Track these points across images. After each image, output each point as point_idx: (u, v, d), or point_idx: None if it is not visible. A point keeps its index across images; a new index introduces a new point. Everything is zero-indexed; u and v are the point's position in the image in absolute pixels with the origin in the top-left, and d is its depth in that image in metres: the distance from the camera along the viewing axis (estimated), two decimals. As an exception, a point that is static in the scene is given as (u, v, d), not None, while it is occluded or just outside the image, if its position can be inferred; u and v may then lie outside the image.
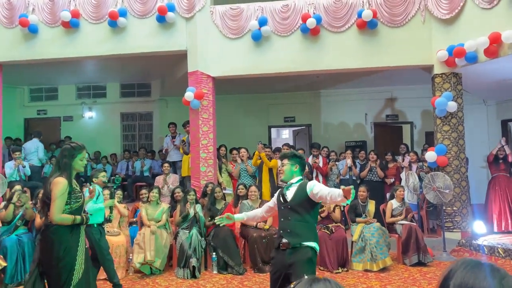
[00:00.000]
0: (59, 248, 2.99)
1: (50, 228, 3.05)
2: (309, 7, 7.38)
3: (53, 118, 11.59)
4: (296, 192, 3.21)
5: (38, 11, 7.71)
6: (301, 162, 3.37)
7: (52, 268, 3.02)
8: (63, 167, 3.11)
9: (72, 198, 3.06)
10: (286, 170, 3.32)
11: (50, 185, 3.05)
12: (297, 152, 3.45)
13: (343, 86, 10.39)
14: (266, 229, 5.84)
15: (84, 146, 3.25)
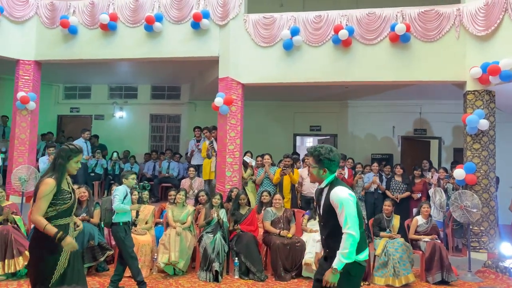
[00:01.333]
0: (45, 244, 3.05)
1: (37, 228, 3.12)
2: (342, 19, 7.41)
3: (85, 116, 11.96)
4: (325, 201, 2.93)
5: (79, 13, 8.01)
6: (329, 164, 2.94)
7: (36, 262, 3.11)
8: (57, 168, 3.13)
9: (59, 199, 3.06)
10: (313, 173, 3.01)
11: (38, 184, 3.10)
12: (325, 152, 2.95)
13: (371, 98, 10.35)
14: (289, 237, 5.87)
15: (82, 150, 3.28)
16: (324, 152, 2.95)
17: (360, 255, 2.83)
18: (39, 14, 8.12)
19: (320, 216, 3.01)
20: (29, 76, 8.10)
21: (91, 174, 9.49)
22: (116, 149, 10.50)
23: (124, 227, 4.76)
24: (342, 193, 2.82)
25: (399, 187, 7.73)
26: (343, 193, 2.82)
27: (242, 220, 6.07)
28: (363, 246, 2.86)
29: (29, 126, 8.08)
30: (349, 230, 2.73)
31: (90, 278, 5.37)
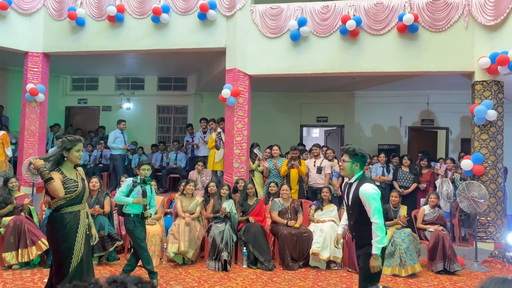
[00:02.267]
0: (58, 233, 3.24)
1: (52, 215, 3.32)
2: (350, 9, 7.38)
3: (92, 107, 12.05)
4: (354, 194, 3.37)
5: (86, 5, 8.03)
6: (362, 159, 3.42)
7: (54, 251, 3.32)
8: (55, 158, 3.31)
9: (65, 188, 3.22)
10: (347, 167, 3.42)
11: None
12: (358, 149, 3.43)
13: (379, 88, 10.31)
14: (297, 227, 5.92)
15: (81, 139, 3.43)
16: (359, 148, 3.46)
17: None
18: (47, 6, 8.15)
19: (348, 206, 3.49)
20: (38, 68, 8.16)
21: (99, 165, 9.61)
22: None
23: (133, 218, 4.82)
24: (369, 190, 3.29)
25: (406, 177, 7.75)
26: (370, 190, 3.29)
27: (250, 211, 6.14)
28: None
29: (38, 118, 8.17)
30: (377, 220, 3.23)
31: (101, 267, 5.48)
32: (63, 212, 3.26)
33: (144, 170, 4.95)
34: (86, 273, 3.34)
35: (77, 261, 3.24)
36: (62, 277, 3.23)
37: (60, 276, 3.25)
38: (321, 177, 7.34)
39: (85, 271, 3.33)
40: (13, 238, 5.32)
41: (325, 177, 7.33)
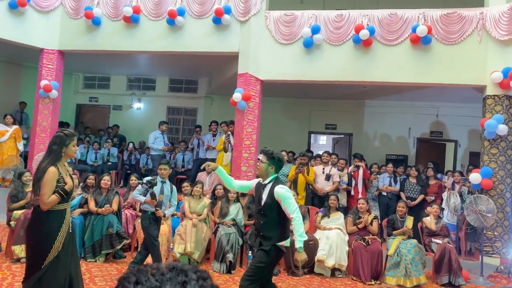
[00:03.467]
0: (41, 230, 3.20)
1: (37, 210, 3.27)
2: (363, 18, 7.42)
3: (103, 106, 12.17)
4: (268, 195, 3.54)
5: (103, 4, 8.14)
6: (277, 163, 3.62)
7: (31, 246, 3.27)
8: (52, 154, 3.25)
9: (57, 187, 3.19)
10: (262, 168, 3.63)
11: (40, 173, 3.22)
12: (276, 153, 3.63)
13: (389, 98, 10.34)
14: (303, 234, 5.93)
15: (75, 134, 3.41)
16: (277, 152, 3.65)
17: (281, 242, 3.52)
18: (64, 4, 8.27)
19: (260, 206, 3.62)
20: (53, 65, 8.27)
21: (108, 163, 9.69)
22: (133, 140, 10.69)
23: (149, 216, 4.87)
24: (284, 190, 3.50)
25: (413, 188, 7.75)
26: (284, 191, 3.50)
27: (256, 215, 6.15)
28: (286, 235, 3.57)
29: (50, 114, 8.27)
30: (296, 215, 3.44)
31: (108, 264, 5.53)
32: (50, 210, 3.21)
33: (161, 170, 5.00)
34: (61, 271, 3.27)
35: (53, 257, 3.20)
36: (33, 272, 3.19)
37: (32, 271, 3.20)
38: (328, 184, 7.36)
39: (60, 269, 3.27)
40: (23, 231, 5.38)
41: (333, 185, 7.34)
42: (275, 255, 3.54)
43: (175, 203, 5.21)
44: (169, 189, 5.07)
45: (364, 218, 6.05)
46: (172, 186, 5.18)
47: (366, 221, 6.05)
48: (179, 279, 0.73)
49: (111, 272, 5.24)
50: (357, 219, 6.14)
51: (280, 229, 3.54)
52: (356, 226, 6.08)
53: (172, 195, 5.13)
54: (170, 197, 5.10)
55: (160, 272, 0.72)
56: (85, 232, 5.67)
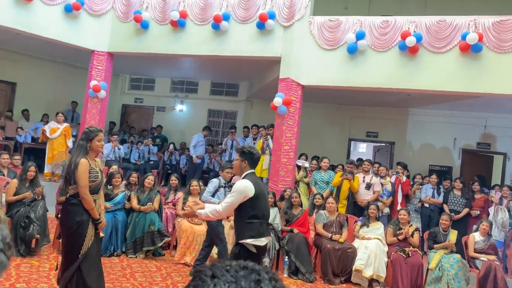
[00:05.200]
0: (73, 220, 3.35)
1: (68, 202, 3.43)
2: (410, 25, 7.25)
3: (147, 107, 12.55)
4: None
5: (151, 9, 8.41)
6: (250, 157, 3.47)
7: (66, 236, 3.43)
8: (80, 148, 3.46)
9: (89, 177, 3.38)
10: (236, 164, 3.56)
11: (72, 165, 3.40)
12: (248, 147, 3.55)
13: (434, 107, 10.02)
14: (341, 242, 5.86)
15: (101, 129, 3.57)
16: (248, 147, 3.57)
17: (248, 239, 3.30)
18: (115, 8, 8.61)
19: None
20: (102, 66, 8.62)
21: (150, 162, 9.97)
22: (174, 141, 10.95)
23: None
24: (240, 184, 3.33)
25: (458, 201, 7.46)
26: (241, 184, 3.32)
27: (294, 221, 6.14)
28: (254, 235, 3.32)
29: (98, 113, 8.61)
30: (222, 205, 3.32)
31: (148, 261, 5.68)
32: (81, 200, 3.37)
33: (228, 173, 5.17)
34: (95, 259, 3.44)
35: (88, 245, 3.35)
36: (71, 262, 3.33)
37: (70, 261, 3.34)
38: (368, 194, 7.23)
39: (95, 258, 3.44)
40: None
41: (374, 194, 7.20)
42: (244, 256, 3.27)
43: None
44: None
45: (405, 230, 5.89)
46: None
47: (407, 233, 5.89)
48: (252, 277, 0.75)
49: (151, 268, 5.39)
50: (397, 230, 5.99)
51: (241, 225, 3.38)
52: (397, 237, 5.93)
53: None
54: None
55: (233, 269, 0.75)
56: (127, 228, 5.86)
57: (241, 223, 3.37)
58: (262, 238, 3.36)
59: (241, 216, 3.36)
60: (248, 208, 3.33)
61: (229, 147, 9.80)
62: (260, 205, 3.39)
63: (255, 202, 3.35)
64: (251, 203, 3.33)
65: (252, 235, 3.32)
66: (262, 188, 3.51)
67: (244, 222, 3.34)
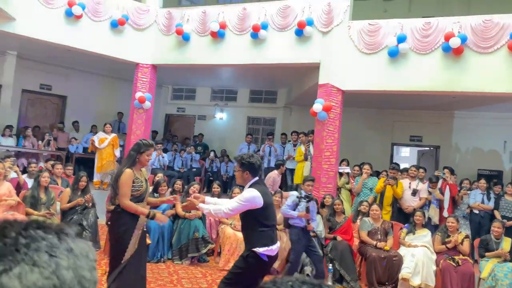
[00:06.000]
0: (118, 229, 3.48)
1: (115, 211, 3.55)
2: (454, 26, 7.04)
3: (189, 116, 12.87)
4: None
5: (192, 21, 8.65)
6: (250, 166, 3.41)
7: (112, 243, 3.59)
8: (129, 158, 3.56)
9: (133, 187, 3.47)
10: (237, 176, 3.53)
11: (117, 174, 3.52)
12: (246, 156, 3.45)
13: (481, 109, 9.65)
14: (386, 250, 5.74)
15: (152, 144, 3.66)
16: (246, 156, 3.46)
17: (259, 248, 3.26)
18: (158, 22, 8.92)
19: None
20: (146, 78, 8.94)
21: (193, 170, 10.20)
22: (215, 149, 11.15)
23: (299, 231, 5.09)
24: (249, 194, 3.29)
25: (509, 207, 7.12)
26: (250, 194, 3.29)
27: (337, 228, 6.08)
28: (267, 243, 3.29)
29: (143, 123, 8.93)
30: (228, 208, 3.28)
31: (193, 267, 5.81)
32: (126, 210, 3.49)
33: (309, 186, 5.21)
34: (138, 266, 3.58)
35: (131, 253, 3.47)
36: (114, 266, 3.48)
37: (114, 266, 3.50)
38: (415, 200, 7.04)
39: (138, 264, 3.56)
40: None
41: (420, 201, 7.01)
42: (253, 262, 3.29)
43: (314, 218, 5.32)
44: (315, 204, 5.21)
45: (454, 238, 5.69)
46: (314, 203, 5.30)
47: (457, 241, 5.68)
48: None
49: (196, 275, 5.51)
50: (445, 238, 5.80)
51: (253, 234, 3.34)
52: (445, 245, 5.74)
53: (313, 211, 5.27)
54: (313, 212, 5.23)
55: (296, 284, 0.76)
56: (173, 235, 6.03)
57: (253, 232, 3.37)
58: (273, 247, 3.35)
59: (252, 225, 3.37)
60: (259, 217, 3.34)
61: (267, 154, 9.83)
62: (269, 213, 3.41)
63: (264, 211, 3.35)
64: (261, 212, 3.33)
65: (265, 243, 3.31)
66: (269, 195, 3.52)
67: (256, 231, 3.34)
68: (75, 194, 5.96)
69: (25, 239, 0.67)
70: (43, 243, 0.67)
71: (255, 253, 3.28)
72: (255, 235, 3.33)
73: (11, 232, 0.67)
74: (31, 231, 0.68)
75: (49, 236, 0.69)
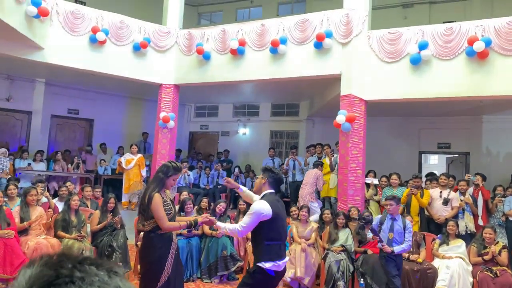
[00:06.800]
0: (153, 255, 3.43)
1: (147, 236, 3.50)
2: (477, 29, 6.89)
3: (212, 133, 12.99)
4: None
5: (212, 40, 8.78)
6: (271, 175, 3.43)
7: (145, 269, 3.52)
8: (157, 180, 3.52)
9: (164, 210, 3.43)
10: (256, 182, 3.56)
11: (146, 199, 3.47)
12: (273, 167, 3.55)
13: (511, 113, 9.34)
14: (419, 262, 5.57)
15: (181, 169, 3.64)
16: (272, 166, 3.58)
17: (266, 263, 3.23)
18: (178, 43, 9.10)
19: None
20: (170, 98, 9.10)
21: (218, 186, 10.24)
22: (239, 164, 11.18)
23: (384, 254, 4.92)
24: (258, 205, 3.29)
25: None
26: (258, 205, 3.28)
27: (367, 242, 5.95)
28: (273, 257, 3.26)
29: (168, 142, 9.05)
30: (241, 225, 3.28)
31: (223, 285, 5.78)
32: (159, 234, 3.46)
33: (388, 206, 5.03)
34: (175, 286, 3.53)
35: (165, 279, 3.43)
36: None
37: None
38: (446, 210, 6.83)
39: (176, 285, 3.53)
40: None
41: (452, 210, 6.80)
42: (260, 277, 3.25)
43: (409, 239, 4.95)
44: (402, 225, 4.91)
45: (491, 249, 5.46)
46: (406, 221, 5.01)
47: (494, 253, 5.46)
48: None
49: (226, 293, 5.47)
50: (482, 249, 5.58)
51: (259, 248, 3.29)
52: (482, 257, 5.51)
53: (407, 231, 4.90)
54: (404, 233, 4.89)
55: None
56: (201, 253, 6.03)
57: (260, 246, 3.31)
58: (280, 262, 3.30)
59: (259, 238, 3.31)
60: (266, 230, 3.28)
61: (291, 168, 9.76)
62: (277, 227, 3.32)
63: (272, 224, 3.28)
64: (268, 225, 3.27)
65: (271, 257, 3.26)
66: (280, 209, 3.44)
67: (263, 244, 3.28)
68: (105, 215, 6.06)
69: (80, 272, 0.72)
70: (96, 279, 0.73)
71: (262, 269, 3.25)
72: (262, 249, 3.29)
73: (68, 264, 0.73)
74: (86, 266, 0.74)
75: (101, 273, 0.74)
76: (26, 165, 9.17)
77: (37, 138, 10.62)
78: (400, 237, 4.90)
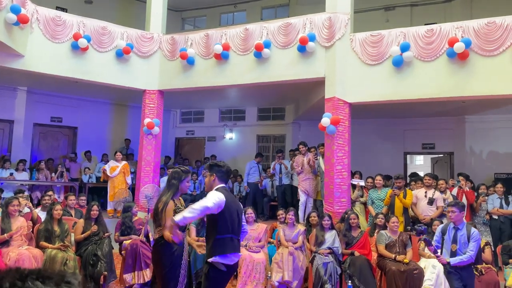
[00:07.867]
0: (166, 261, 3.45)
1: (158, 243, 3.51)
2: (457, 31, 6.99)
3: (199, 138, 12.92)
4: None
5: (195, 45, 8.75)
6: (218, 170, 3.46)
7: (160, 275, 3.53)
8: (171, 187, 3.58)
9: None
10: (206, 181, 3.57)
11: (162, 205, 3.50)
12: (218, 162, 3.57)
13: (493, 112, 9.50)
14: (406, 262, 5.59)
15: (190, 171, 3.69)
16: (216, 161, 3.59)
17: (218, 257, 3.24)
18: (162, 48, 9.05)
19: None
20: (154, 104, 9.03)
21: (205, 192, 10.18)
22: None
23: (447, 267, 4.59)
24: (212, 194, 3.27)
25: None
26: (213, 193, 3.29)
27: (354, 243, 5.97)
28: (225, 250, 3.27)
29: (153, 149, 8.97)
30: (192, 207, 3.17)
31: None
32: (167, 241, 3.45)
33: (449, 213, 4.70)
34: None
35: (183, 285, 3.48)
36: None
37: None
38: (431, 209, 6.89)
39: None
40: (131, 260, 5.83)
41: (437, 210, 6.86)
42: (212, 275, 3.26)
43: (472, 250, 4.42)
44: (466, 234, 4.45)
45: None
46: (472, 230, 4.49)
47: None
48: None
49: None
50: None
51: (210, 243, 3.31)
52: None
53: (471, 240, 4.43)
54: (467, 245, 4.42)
55: None
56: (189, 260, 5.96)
57: (211, 241, 3.32)
58: (232, 256, 3.31)
59: (211, 233, 3.33)
60: (218, 222, 3.28)
61: (278, 172, 9.75)
62: (229, 219, 3.32)
63: (225, 215, 3.29)
64: (220, 217, 3.28)
65: (222, 250, 3.26)
66: (234, 203, 3.45)
67: (214, 238, 3.29)
68: (89, 224, 5.96)
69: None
70: None
71: (213, 265, 3.26)
72: (212, 244, 3.29)
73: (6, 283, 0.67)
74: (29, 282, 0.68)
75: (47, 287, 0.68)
76: (8, 175, 8.99)
77: (20, 147, 10.43)
78: (466, 248, 4.46)
